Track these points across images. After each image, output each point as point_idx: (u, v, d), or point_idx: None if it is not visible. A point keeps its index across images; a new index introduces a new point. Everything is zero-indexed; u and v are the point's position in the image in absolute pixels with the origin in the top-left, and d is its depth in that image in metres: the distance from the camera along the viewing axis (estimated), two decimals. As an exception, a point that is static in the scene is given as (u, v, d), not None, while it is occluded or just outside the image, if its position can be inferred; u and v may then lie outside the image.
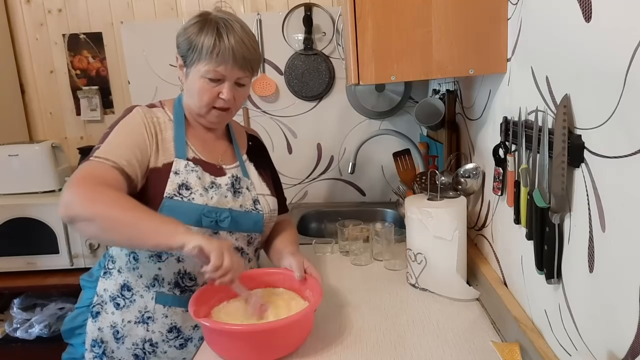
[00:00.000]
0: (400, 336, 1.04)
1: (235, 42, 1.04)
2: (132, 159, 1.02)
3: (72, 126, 2.37)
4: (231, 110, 1.14)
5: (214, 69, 1.05)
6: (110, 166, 0.99)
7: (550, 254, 0.79)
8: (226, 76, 1.07)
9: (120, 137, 1.05)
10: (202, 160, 1.14)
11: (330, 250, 1.59)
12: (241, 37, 1.06)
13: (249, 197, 1.18)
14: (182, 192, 1.07)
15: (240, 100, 1.13)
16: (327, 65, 2.13)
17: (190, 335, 1.14)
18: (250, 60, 1.08)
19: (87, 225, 0.93)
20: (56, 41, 2.28)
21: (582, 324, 0.73)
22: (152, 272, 1.11)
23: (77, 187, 0.94)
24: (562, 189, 0.74)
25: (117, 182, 0.99)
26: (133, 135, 1.06)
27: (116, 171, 0.99)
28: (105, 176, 0.97)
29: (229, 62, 1.04)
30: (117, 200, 0.94)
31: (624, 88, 0.59)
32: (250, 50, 1.07)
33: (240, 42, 1.05)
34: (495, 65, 1.05)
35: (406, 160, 1.66)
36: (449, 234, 1.16)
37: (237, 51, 1.04)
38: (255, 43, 1.10)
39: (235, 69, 1.06)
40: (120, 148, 1.03)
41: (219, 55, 1.04)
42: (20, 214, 1.88)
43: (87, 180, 0.96)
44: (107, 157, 1.00)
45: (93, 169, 0.99)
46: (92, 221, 0.92)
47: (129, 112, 1.10)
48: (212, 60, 1.04)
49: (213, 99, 1.09)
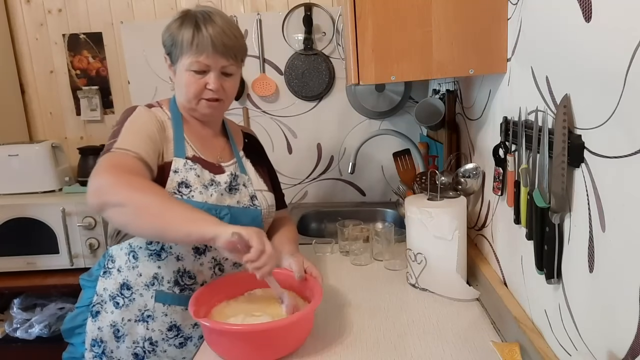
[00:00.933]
0: (400, 336, 1.04)
1: (215, 31, 1.05)
2: (149, 151, 1.03)
3: (72, 126, 2.37)
4: (223, 102, 1.13)
5: (196, 59, 1.06)
6: (132, 156, 0.99)
7: (550, 254, 0.79)
8: (210, 65, 1.07)
9: (134, 131, 1.05)
10: (202, 158, 1.14)
11: (330, 250, 1.59)
12: (221, 26, 1.07)
13: (247, 194, 1.18)
14: (181, 190, 1.07)
15: (230, 90, 1.13)
16: (327, 65, 2.13)
17: (190, 334, 1.14)
18: (232, 47, 1.08)
19: (119, 212, 0.91)
20: (56, 41, 2.28)
21: (582, 324, 0.73)
22: (152, 270, 1.11)
23: (106, 174, 0.93)
24: (562, 189, 0.74)
25: (142, 172, 0.98)
26: (145, 128, 1.06)
27: (139, 161, 0.99)
28: (130, 165, 0.97)
29: (209, 50, 1.05)
30: (148, 187, 0.93)
31: (624, 88, 0.59)
32: (231, 38, 1.08)
33: (220, 31, 1.06)
34: (495, 65, 1.05)
35: (406, 160, 1.66)
36: (449, 234, 1.16)
37: (216, 39, 1.05)
38: (236, 31, 1.11)
39: (218, 57, 1.07)
40: (138, 139, 1.03)
41: (198, 46, 1.05)
42: (20, 214, 1.88)
43: (115, 168, 0.94)
44: (128, 147, 1.00)
45: (118, 158, 0.98)
46: (124, 206, 0.90)
47: (132, 111, 1.10)
48: (192, 51, 1.06)
49: (200, 90, 1.09)
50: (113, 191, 0.90)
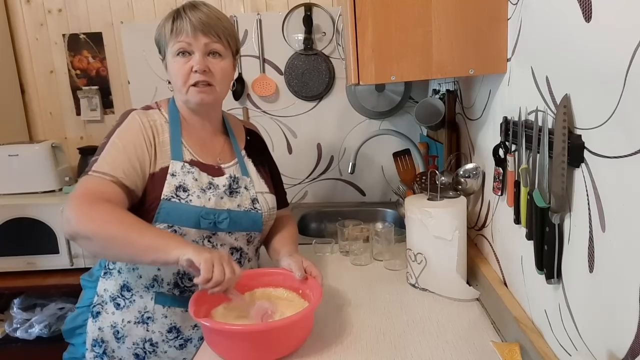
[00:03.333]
0: (400, 336, 1.04)
1: (195, 13, 1.07)
2: (130, 171, 1.03)
3: (72, 126, 2.37)
4: (214, 88, 1.10)
5: (177, 41, 1.07)
6: (109, 181, 1.00)
7: (550, 254, 0.79)
8: (192, 44, 1.06)
9: (118, 148, 1.05)
10: (200, 161, 1.13)
11: (330, 250, 1.59)
12: (202, 10, 1.08)
13: (248, 197, 1.17)
14: (179, 194, 1.07)
15: (219, 73, 1.09)
16: (327, 65, 2.13)
17: (190, 335, 1.14)
18: (213, 25, 1.07)
19: (87, 243, 0.97)
20: (56, 41, 2.28)
21: (582, 324, 0.73)
22: (152, 272, 1.11)
23: (76, 205, 0.96)
24: (562, 189, 0.74)
25: (117, 196, 1.00)
26: (131, 145, 1.05)
27: (115, 185, 1.01)
28: (104, 191, 0.99)
29: (188, 30, 1.06)
30: (113, 218, 0.95)
31: (624, 88, 0.59)
32: (211, 17, 1.08)
33: (200, 12, 1.07)
34: (495, 65, 1.05)
35: (406, 160, 1.66)
36: (449, 234, 1.16)
37: (195, 19, 1.06)
38: (220, 14, 1.11)
39: (198, 35, 1.06)
40: (118, 160, 1.03)
41: (178, 28, 1.06)
42: (20, 214, 1.88)
43: (85, 197, 0.97)
44: (105, 171, 1.01)
45: (92, 184, 1.00)
46: (90, 239, 0.95)
47: (125, 118, 1.10)
48: (173, 36, 1.07)
49: (187, 74, 1.07)
50: (79, 224, 0.94)
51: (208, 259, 0.90)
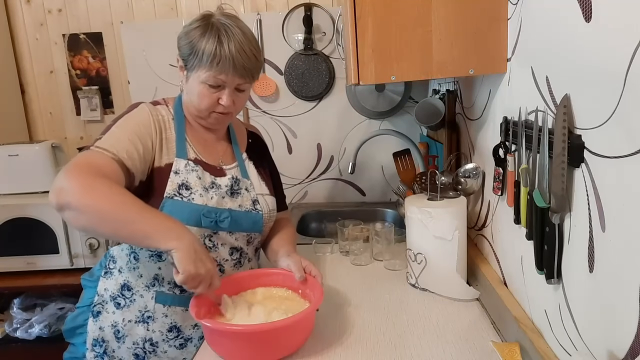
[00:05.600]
0: (400, 336, 1.04)
1: (236, 50, 1.03)
2: (133, 152, 1.01)
3: (72, 126, 2.37)
4: (231, 114, 1.14)
5: (215, 76, 1.04)
6: (110, 157, 0.98)
7: (550, 254, 0.79)
8: (226, 82, 1.06)
9: (124, 129, 1.04)
10: (203, 161, 1.14)
11: (330, 250, 1.59)
12: (241, 44, 1.04)
13: (248, 198, 1.18)
14: (182, 192, 1.07)
15: (240, 104, 1.13)
16: (327, 65, 2.13)
17: (190, 335, 1.14)
18: (251, 69, 1.07)
19: (77, 216, 0.91)
20: (56, 41, 2.28)
21: (582, 324, 0.73)
22: (152, 271, 1.11)
23: (72, 175, 0.91)
24: (562, 189, 0.74)
25: (116, 175, 0.97)
26: (138, 128, 1.05)
27: (115, 163, 0.98)
28: (103, 167, 0.96)
29: (229, 71, 1.04)
30: (112, 194, 0.91)
31: (624, 88, 0.59)
32: (251, 59, 1.06)
33: (240, 50, 1.04)
34: (495, 65, 1.05)
35: (406, 160, 1.66)
36: (449, 234, 1.16)
37: (237, 60, 1.03)
38: (256, 50, 1.09)
39: (236, 77, 1.06)
40: (122, 140, 1.02)
41: (219, 64, 1.03)
42: (20, 214, 1.88)
43: (84, 168, 0.93)
44: (107, 148, 0.99)
45: (92, 158, 0.97)
46: (82, 212, 0.90)
47: (133, 108, 1.10)
48: (212, 68, 1.04)
49: (213, 104, 1.09)
50: (74, 195, 0.89)
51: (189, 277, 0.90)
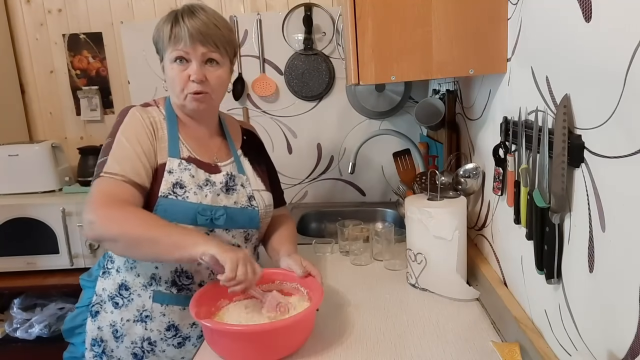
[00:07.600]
0: (400, 336, 1.04)
1: (193, 21, 1.06)
2: (139, 168, 1.05)
3: (72, 126, 2.37)
4: (209, 95, 1.11)
5: (176, 48, 1.07)
6: (121, 181, 1.02)
7: (550, 254, 0.79)
8: (189, 53, 1.07)
9: (124, 146, 1.06)
10: (197, 159, 1.14)
11: (330, 250, 1.59)
12: (201, 18, 1.07)
13: (244, 194, 1.18)
14: (176, 190, 1.07)
15: (215, 82, 1.10)
16: (327, 65, 2.13)
17: (188, 333, 1.14)
18: (211, 35, 1.07)
19: (113, 245, 1.01)
20: (56, 41, 2.28)
21: (582, 324, 0.73)
22: (150, 271, 1.11)
23: (96, 208, 0.98)
24: (562, 189, 0.74)
25: (132, 196, 1.02)
26: (136, 141, 1.07)
27: (127, 185, 1.02)
28: (119, 193, 1.01)
29: (186, 39, 1.05)
30: (135, 218, 0.98)
31: (624, 88, 0.59)
32: (210, 27, 1.07)
33: (198, 21, 1.06)
34: (495, 65, 1.05)
35: (406, 160, 1.66)
36: (449, 234, 1.16)
37: (193, 28, 1.05)
38: (220, 22, 1.10)
39: (196, 45, 1.06)
40: (127, 159, 1.04)
41: (177, 36, 1.06)
42: (20, 214, 1.88)
43: (104, 200, 0.99)
44: (116, 172, 1.03)
45: (106, 187, 1.02)
46: (116, 242, 0.98)
47: (125, 114, 1.10)
48: (172, 42, 1.07)
49: (184, 81, 1.08)
50: (103, 227, 0.97)
51: (233, 259, 0.93)
